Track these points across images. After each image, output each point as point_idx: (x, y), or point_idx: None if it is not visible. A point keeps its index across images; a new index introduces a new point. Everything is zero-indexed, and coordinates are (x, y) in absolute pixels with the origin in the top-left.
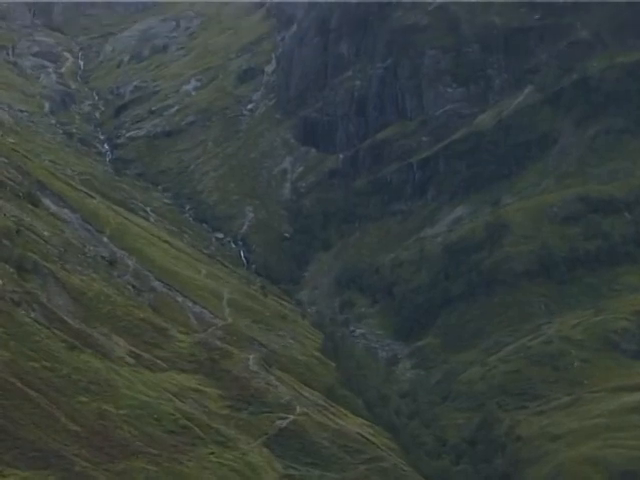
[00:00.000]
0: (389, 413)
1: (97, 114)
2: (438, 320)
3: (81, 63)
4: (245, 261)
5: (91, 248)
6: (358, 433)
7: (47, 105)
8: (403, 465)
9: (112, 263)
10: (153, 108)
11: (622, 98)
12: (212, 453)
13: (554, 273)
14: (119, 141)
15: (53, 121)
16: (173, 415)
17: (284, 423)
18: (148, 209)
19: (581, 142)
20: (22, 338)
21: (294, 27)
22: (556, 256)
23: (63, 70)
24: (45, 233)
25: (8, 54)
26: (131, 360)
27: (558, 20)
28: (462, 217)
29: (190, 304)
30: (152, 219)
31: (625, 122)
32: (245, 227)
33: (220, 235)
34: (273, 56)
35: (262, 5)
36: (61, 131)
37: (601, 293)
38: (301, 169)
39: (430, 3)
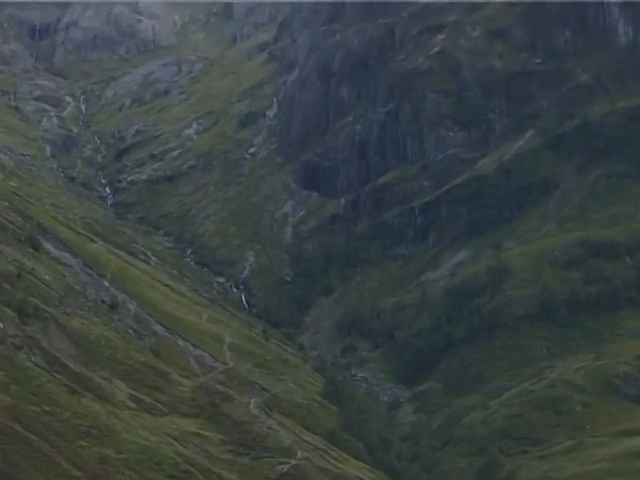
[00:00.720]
0: (390, 457)
1: (99, 158)
2: (440, 364)
3: (83, 107)
4: (246, 305)
5: (92, 292)
6: (359, 477)
7: (49, 149)
8: None
9: (113, 307)
10: (154, 152)
11: (623, 143)
12: None
13: (555, 317)
14: (120, 185)
15: (54, 165)
16: (174, 460)
17: (285, 468)
18: (149, 253)
19: (582, 186)
20: (23, 382)
21: (296, 71)
22: (557, 300)
23: (65, 114)
24: (46, 277)
25: (10, 98)
26: (132, 404)
27: (559, 65)
28: (464, 261)
29: (191, 348)
30: (153, 263)
31: (626, 167)
32: (246, 271)
33: (221, 279)
34: (274, 100)
35: (264, 49)
36: (62, 175)
37: (603, 337)
38: (302, 213)
39: (431, 47)
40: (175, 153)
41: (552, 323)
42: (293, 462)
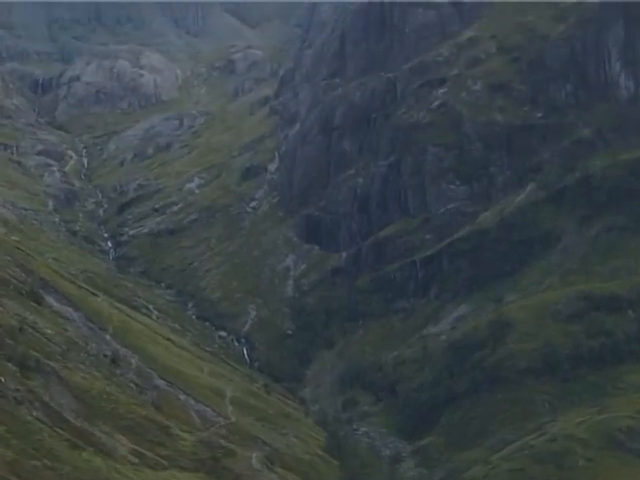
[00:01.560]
0: None
1: (101, 212)
2: (442, 418)
3: (85, 161)
4: (248, 359)
5: (94, 346)
6: None
7: (51, 203)
8: None
9: (115, 361)
10: (156, 206)
11: (624, 196)
12: None
13: (558, 371)
14: (122, 239)
15: (57, 219)
16: None
17: None
18: (151, 306)
19: (584, 240)
20: (24, 437)
21: (297, 125)
22: (560, 354)
23: (67, 168)
24: (48, 331)
25: (12, 153)
26: (133, 459)
27: (560, 119)
28: (465, 315)
29: (193, 402)
30: (155, 316)
31: (627, 220)
32: (248, 325)
33: (223, 333)
34: (276, 154)
35: (265, 103)
36: (65, 229)
37: (605, 391)
38: (304, 267)
39: (433, 101)
40: (177, 207)
41: (554, 377)
42: None
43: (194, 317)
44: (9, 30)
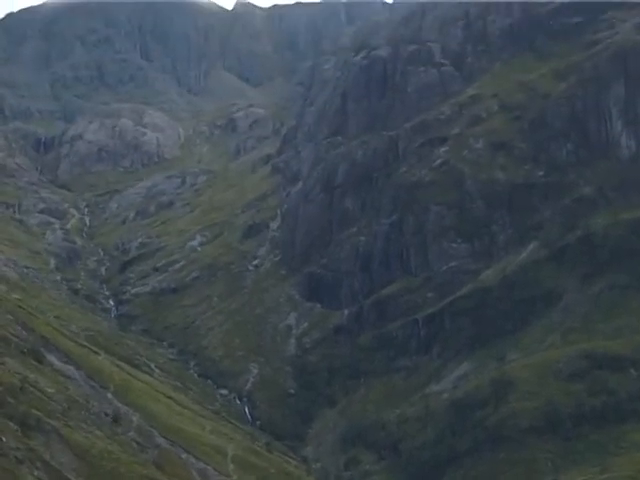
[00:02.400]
0: None
1: (102, 270)
2: (444, 477)
3: (87, 220)
4: (250, 417)
5: (95, 404)
6: None
7: (53, 261)
8: None
9: (116, 420)
10: (158, 264)
11: (626, 255)
12: None
13: (560, 430)
14: (124, 297)
15: (58, 277)
16: None
17: None
18: (152, 365)
19: (586, 298)
20: None
21: (299, 183)
22: (562, 413)
23: (69, 227)
24: (49, 390)
25: (14, 211)
26: None
27: (562, 177)
28: (467, 373)
29: (194, 460)
30: (157, 375)
31: (629, 279)
32: (250, 383)
33: (225, 391)
34: (278, 212)
35: (267, 162)
36: (66, 287)
37: (608, 450)
38: (306, 325)
39: (434, 159)
40: (179, 265)
41: (556, 436)
42: None
43: (196, 375)
44: (12, 89)
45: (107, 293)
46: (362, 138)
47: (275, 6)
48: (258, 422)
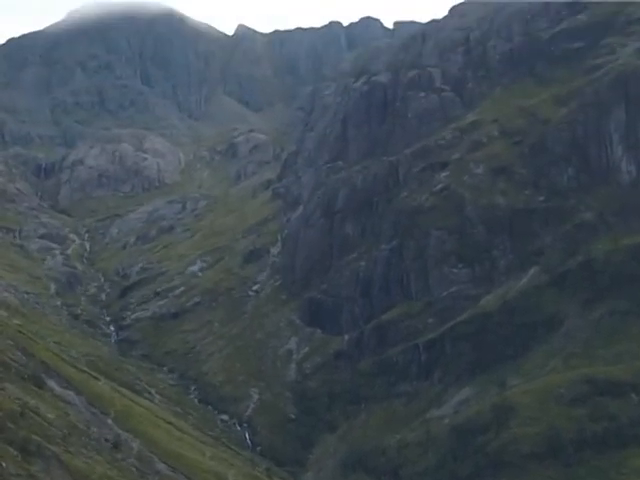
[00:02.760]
0: None
1: (103, 295)
2: None
3: (87, 245)
4: (250, 443)
5: (95, 430)
6: None
7: (53, 287)
8: None
9: (116, 445)
10: (159, 289)
11: (627, 280)
12: None
13: (561, 455)
14: (124, 322)
15: (59, 303)
16: None
17: None
18: (153, 390)
19: (587, 324)
20: None
21: (300, 209)
22: (563, 438)
23: (69, 252)
24: (49, 415)
25: (15, 236)
26: None
27: (562, 202)
28: (468, 398)
29: None
30: (157, 400)
31: (630, 304)
32: (250, 409)
33: (225, 417)
34: (279, 237)
35: (268, 187)
36: (66, 312)
37: (609, 476)
38: (306, 350)
39: (435, 184)
40: (179, 290)
41: (558, 461)
42: None
43: (196, 401)
44: (13, 114)
45: (107, 318)
46: (362, 163)
47: (276, 31)
48: (258, 448)
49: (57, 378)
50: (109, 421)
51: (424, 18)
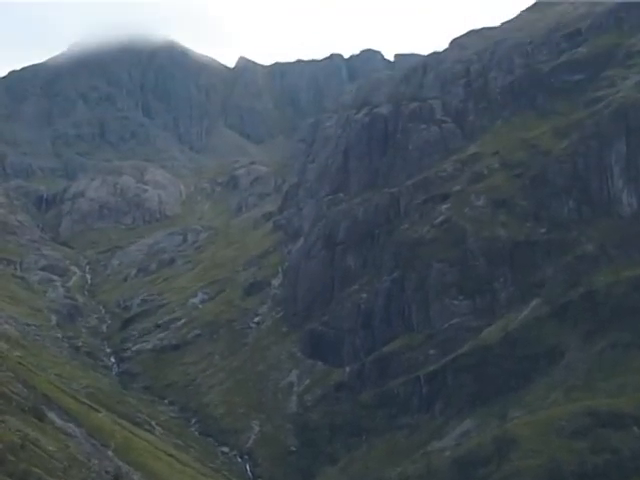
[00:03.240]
0: None
1: (104, 327)
2: None
3: (88, 277)
4: (251, 475)
5: (96, 462)
6: None
7: (54, 318)
8: None
9: (117, 478)
10: (160, 321)
11: (628, 312)
12: None
13: None
14: (125, 354)
15: (59, 335)
16: None
17: None
18: (154, 422)
19: (588, 356)
20: None
21: (301, 240)
22: (564, 470)
23: (70, 284)
24: (50, 448)
25: (16, 268)
26: None
27: (563, 234)
28: (470, 431)
29: None
30: (158, 433)
31: (632, 336)
32: (251, 441)
33: (226, 449)
34: (280, 269)
35: (269, 219)
36: (67, 344)
37: None
38: (307, 382)
39: (436, 216)
40: (180, 322)
41: None
42: None
43: (197, 433)
44: (14, 147)
45: (108, 350)
46: (363, 195)
47: (277, 64)
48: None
49: (58, 410)
50: (110, 453)
51: (425, 50)
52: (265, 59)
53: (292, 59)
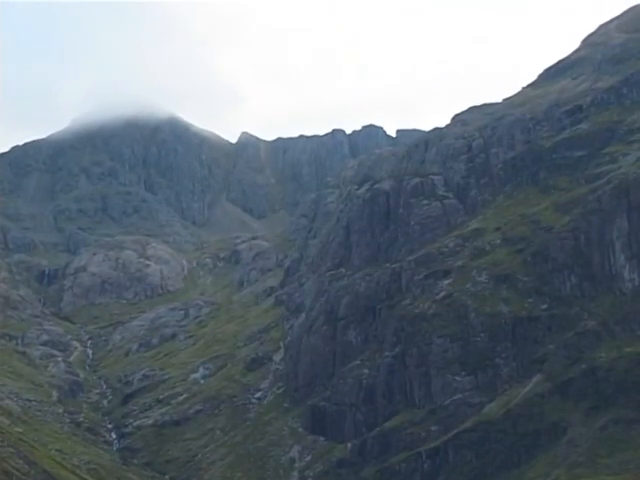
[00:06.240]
0: None
1: (105, 402)
2: None
3: (90, 352)
4: None
5: None
6: None
7: (55, 394)
8: None
9: None
10: (161, 396)
11: (631, 388)
12: None
13: None
14: (126, 430)
15: (61, 410)
16: None
17: None
18: None
19: (591, 432)
20: None
21: (302, 316)
22: None
23: (71, 359)
24: None
25: (17, 343)
26: None
27: (566, 310)
28: None
29: None
30: None
31: (634, 412)
32: None
33: None
34: (281, 344)
35: (270, 294)
36: (68, 420)
37: None
38: (309, 458)
39: (438, 292)
40: (182, 397)
41: None
42: None
43: None
44: (16, 222)
45: (109, 426)
46: (365, 270)
47: (279, 139)
48: None
49: None
50: None
51: (426, 126)
52: (267, 134)
53: (294, 134)
